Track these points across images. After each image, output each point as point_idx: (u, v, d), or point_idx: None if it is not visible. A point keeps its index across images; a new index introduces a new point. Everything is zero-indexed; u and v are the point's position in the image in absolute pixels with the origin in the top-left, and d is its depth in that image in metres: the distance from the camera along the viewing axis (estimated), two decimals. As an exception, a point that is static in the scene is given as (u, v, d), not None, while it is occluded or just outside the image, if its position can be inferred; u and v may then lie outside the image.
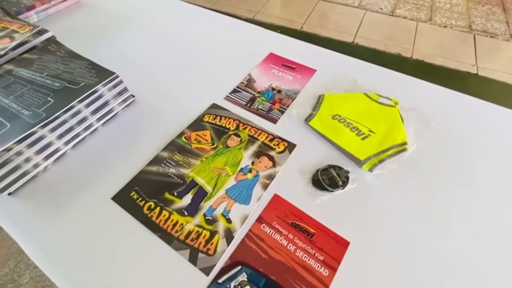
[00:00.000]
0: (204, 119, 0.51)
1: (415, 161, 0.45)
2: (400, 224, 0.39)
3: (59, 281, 0.35)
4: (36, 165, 0.43)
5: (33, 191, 0.42)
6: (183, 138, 0.48)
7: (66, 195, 0.42)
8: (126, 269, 0.35)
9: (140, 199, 0.41)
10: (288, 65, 0.62)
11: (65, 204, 0.41)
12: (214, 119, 0.51)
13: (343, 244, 0.37)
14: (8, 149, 0.38)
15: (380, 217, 0.40)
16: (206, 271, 0.35)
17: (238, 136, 0.49)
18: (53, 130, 0.42)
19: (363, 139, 0.48)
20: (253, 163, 0.45)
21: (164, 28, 0.73)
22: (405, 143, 0.47)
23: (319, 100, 0.55)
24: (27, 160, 0.41)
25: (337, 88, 0.57)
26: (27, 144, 0.40)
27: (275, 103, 0.55)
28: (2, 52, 0.51)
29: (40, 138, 0.41)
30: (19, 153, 0.40)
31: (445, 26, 2.12)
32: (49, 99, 0.43)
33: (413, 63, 1.84)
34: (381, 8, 2.30)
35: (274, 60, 0.64)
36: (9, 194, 0.41)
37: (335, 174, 0.43)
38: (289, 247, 0.37)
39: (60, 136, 0.44)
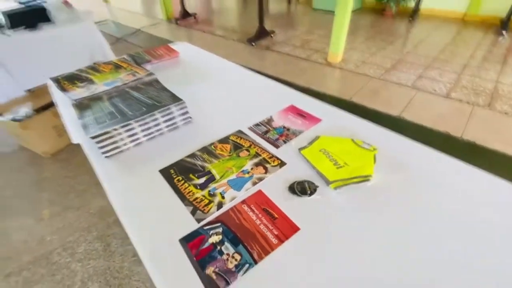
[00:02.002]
0: (230, 138, 0.74)
1: (372, 191, 0.58)
2: (343, 227, 0.51)
3: (124, 218, 0.57)
4: (125, 144, 0.71)
5: (119, 159, 0.70)
6: (212, 146, 0.72)
7: (135, 165, 0.67)
8: (157, 211, 0.56)
9: (174, 174, 0.63)
10: (301, 114, 0.83)
11: (134, 170, 0.66)
12: (236, 138, 0.74)
13: (294, 229, 0.51)
14: (115, 129, 0.67)
15: (330, 219, 0.52)
16: (199, 221, 0.53)
17: (248, 151, 0.70)
18: (140, 125, 0.71)
19: (337, 168, 0.63)
20: (252, 168, 0.64)
21: (224, 81, 1.05)
22: (369, 176, 0.60)
23: (315, 138, 0.72)
24: (122, 139, 0.70)
25: (333, 134, 0.74)
26: (125, 129, 0.69)
27: (282, 136, 0.75)
28: (127, 82, 0.87)
29: (132, 128, 0.70)
30: (119, 134, 0.68)
31: (506, 113, 2.06)
32: (143, 108, 0.73)
33: (462, 144, 1.82)
34: (435, 90, 2.39)
35: (292, 109, 0.86)
36: (106, 157, 0.69)
37: (307, 186, 0.59)
38: (256, 221, 0.53)
39: (143, 131, 0.72)
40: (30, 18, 1.98)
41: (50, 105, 1.84)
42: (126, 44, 3.83)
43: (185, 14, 4.50)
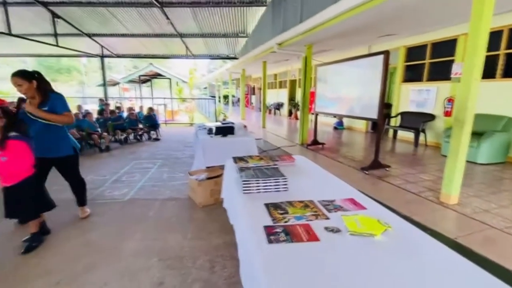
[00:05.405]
0: (304, 201, 1.32)
1: (373, 242, 0.97)
2: (346, 251, 0.94)
3: (245, 216, 1.24)
4: (253, 190, 1.43)
5: (248, 196, 1.41)
6: (293, 201, 1.31)
7: (255, 199, 1.36)
8: (259, 216, 1.19)
9: (271, 206, 1.27)
10: (355, 202, 1.31)
11: (253, 201, 1.35)
12: (308, 202, 1.31)
13: (317, 239, 0.98)
14: (252, 181, 1.42)
15: (339, 244, 0.97)
16: (274, 222, 1.10)
17: (311, 209, 1.24)
18: (263, 183, 1.43)
19: (358, 226, 1.06)
20: (309, 215, 1.18)
21: (313, 178, 1.68)
22: (375, 235, 0.99)
23: (355, 214, 1.18)
24: (253, 187, 1.43)
25: (368, 216, 1.17)
26: (255, 182, 1.42)
27: (336, 209, 1.25)
28: (263, 165, 1.68)
29: (259, 183, 1.43)
30: (253, 183, 1.42)
31: None
32: (266, 176, 1.47)
33: None
34: None
35: (351, 200, 1.35)
36: (244, 193, 1.42)
37: (334, 229, 1.06)
38: (300, 232, 1.04)
39: (263, 186, 1.44)
40: (225, 131, 3.52)
41: (214, 177, 2.99)
42: (267, 155, 5.27)
43: (315, 142, 5.77)
